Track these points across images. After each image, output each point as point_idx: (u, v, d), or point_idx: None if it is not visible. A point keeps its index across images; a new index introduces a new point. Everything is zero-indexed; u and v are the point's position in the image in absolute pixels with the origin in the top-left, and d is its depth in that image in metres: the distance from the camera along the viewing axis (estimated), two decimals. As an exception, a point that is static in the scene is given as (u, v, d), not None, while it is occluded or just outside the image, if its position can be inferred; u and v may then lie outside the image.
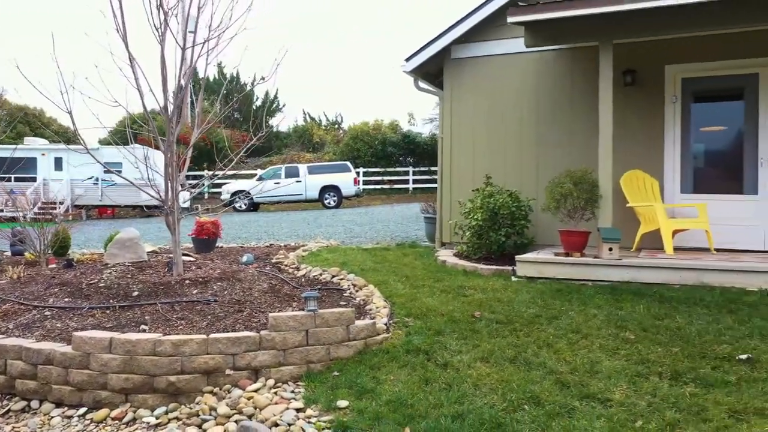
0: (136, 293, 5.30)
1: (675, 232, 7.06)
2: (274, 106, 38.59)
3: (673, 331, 4.26)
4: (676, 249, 7.07)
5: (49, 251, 7.16)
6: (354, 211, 20.42)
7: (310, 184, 22.74)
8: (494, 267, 6.80)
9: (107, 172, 19.09)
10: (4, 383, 3.98)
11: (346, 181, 23.16)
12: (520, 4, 6.20)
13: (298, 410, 3.43)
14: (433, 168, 27.99)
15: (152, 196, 6.08)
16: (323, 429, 3.21)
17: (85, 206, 20.75)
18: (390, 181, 28.16)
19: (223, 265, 6.41)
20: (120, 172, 7.14)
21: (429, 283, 6.13)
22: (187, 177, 16.20)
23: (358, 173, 25.47)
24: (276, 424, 3.29)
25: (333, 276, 6.43)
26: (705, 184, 7.68)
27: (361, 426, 3.20)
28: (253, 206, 22.41)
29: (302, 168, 23.56)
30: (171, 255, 7.15)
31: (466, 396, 3.45)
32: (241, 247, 9.96)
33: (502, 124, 8.42)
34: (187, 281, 5.57)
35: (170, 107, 5.85)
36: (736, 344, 3.97)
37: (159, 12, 5.63)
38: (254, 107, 35.77)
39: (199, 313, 4.86)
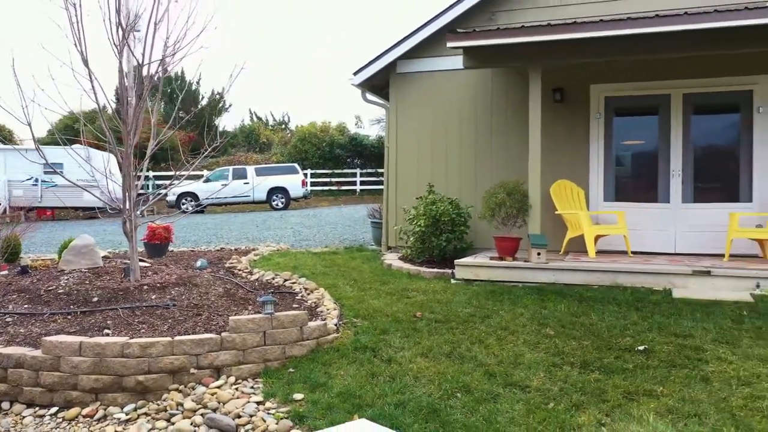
0: (96, 299, 5.54)
1: (598, 237, 7.82)
2: (221, 105, 38.28)
3: (586, 327, 4.91)
4: (600, 252, 7.82)
5: (1, 258, 7.22)
6: (302, 213, 20.70)
7: (258, 185, 22.85)
8: (436, 270, 7.36)
9: (49, 173, 18.68)
10: (-27, 387, 4.19)
11: (294, 182, 23.42)
12: (459, 30, 6.77)
13: (258, 403, 3.83)
14: (380, 170, 28.53)
15: (98, 198, 6.29)
16: (281, 419, 3.63)
17: (25, 208, 20.16)
18: (338, 183, 28.56)
19: (178, 271, 6.69)
20: (62, 172, 7.24)
21: (375, 285, 6.61)
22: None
23: (305, 175, 25.74)
24: (239, 416, 3.69)
25: (285, 280, 6.82)
26: (625, 193, 8.49)
27: (315, 415, 3.64)
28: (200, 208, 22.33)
29: (250, 169, 23.65)
30: (124, 260, 7.36)
31: (407, 387, 3.94)
32: (192, 251, 10.16)
33: (444, 136, 9.01)
34: (145, 287, 5.83)
35: (128, 119, 6.09)
36: (637, 337, 4.63)
37: (117, 29, 5.89)
38: (200, 106, 35.43)
39: (160, 317, 5.16)
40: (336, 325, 5.10)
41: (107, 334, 4.62)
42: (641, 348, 4.39)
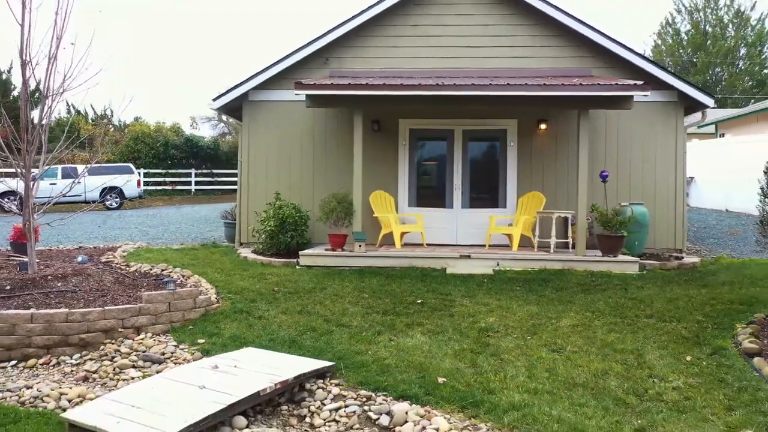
0: (9, 287, 6.80)
1: (403, 234, 10.58)
2: (36, 96, 35.85)
3: (389, 292, 7.47)
4: (405, 245, 10.59)
5: None
6: (141, 213, 21.27)
7: (90, 184, 22.74)
8: (284, 260, 9.52)
9: None
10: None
11: (129, 182, 23.70)
12: (304, 82, 9.05)
13: (175, 346, 5.69)
14: (215, 171, 29.64)
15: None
16: (194, 352, 5.56)
17: None
18: (172, 183, 29.01)
19: (68, 265, 8.02)
20: None
21: (238, 272, 8.59)
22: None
23: (139, 174, 25.95)
24: (163, 353, 5.53)
25: (162, 270, 8.46)
26: (423, 201, 11.41)
27: (216, 349, 5.62)
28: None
29: (81, 168, 23.39)
30: (6, 258, 8.42)
31: (275, 331, 6.09)
32: (50, 249, 11.04)
33: (288, 154, 11.19)
34: (49, 277, 7.18)
35: (31, 139, 7.35)
36: (419, 296, 7.29)
37: (22, 66, 7.16)
38: (11, 97, 33.04)
39: (72, 298, 6.64)
40: (216, 298, 7.05)
41: (35, 311, 6.05)
42: (419, 302, 7.04)
